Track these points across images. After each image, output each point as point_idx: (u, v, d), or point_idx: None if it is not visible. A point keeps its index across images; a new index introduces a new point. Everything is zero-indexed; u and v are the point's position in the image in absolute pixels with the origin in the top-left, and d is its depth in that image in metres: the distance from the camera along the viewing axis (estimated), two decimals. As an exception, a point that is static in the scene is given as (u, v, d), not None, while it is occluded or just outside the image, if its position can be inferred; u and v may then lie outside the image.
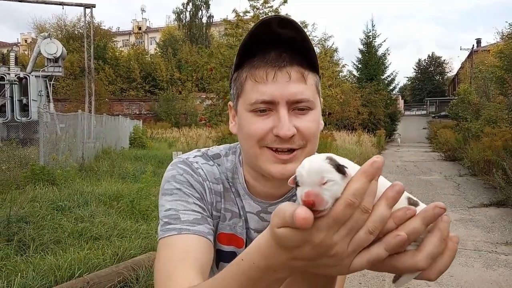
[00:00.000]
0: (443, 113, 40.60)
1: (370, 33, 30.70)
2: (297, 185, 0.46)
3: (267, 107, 0.73)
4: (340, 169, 0.45)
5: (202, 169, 0.83)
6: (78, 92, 28.61)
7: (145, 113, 36.46)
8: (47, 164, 8.11)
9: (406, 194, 0.50)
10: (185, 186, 0.80)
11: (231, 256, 0.79)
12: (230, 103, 0.83)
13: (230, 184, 0.84)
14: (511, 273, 4.18)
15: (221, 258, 0.81)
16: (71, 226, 4.68)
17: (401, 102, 51.11)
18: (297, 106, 0.73)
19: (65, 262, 3.54)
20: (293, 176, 0.48)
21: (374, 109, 27.34)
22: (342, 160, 0.47)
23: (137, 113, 35.80)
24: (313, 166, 0.45)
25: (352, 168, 0.46)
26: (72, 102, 28.79)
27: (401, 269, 0.49)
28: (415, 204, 0.50)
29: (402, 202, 0.48)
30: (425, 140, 28.79)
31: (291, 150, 0.73)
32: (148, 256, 3.79)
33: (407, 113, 53.62)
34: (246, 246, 0.79)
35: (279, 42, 0.72)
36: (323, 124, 0.81)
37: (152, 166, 9.20)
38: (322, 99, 0.81)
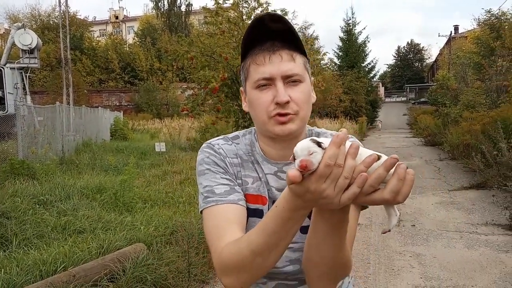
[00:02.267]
0: (422, 99, 41.24)
1: (350, 21, 30.83)
2: (294, 158, 0.69)
3: (267, 82, 0.94)
4: (320, 144, 0.68)
5: (222, 149, 1.04)
6: (56, 84, 27.92)
7: (126, 104, 35.93)
8: (27, 158, 7.93)
9: (368, 150, 0.71)
10: (212, 166, 1.01)
11: (256, 212, 1.01)
12: (241, 88, 1.05)
13: (250, 154, 1.05)
14: (492, 252, 4.31)
15: (249, 214, 1.00)
16: (54, 220, 4.61)
17: (381, 89, 51.68)
18: (290, 80, 0.94)
19: (49, 256, 3.48)
20: (291, 155, 0.70)
21: (355, 97, 27.57)
22: (320, 139, 0.69)
23: (117, 104, 35.26)
24: (303, 144, 0.69)
25: (327, 143, 0.68)
26: (50, 94, 28.13)
27: (376, 202, 0.69)
28: (379, 158, 0.69)
29: (365, 154, 0.69)
30: (405, 126, 29.23)
31: (288, 115, 0.93)
32: (134, 248, 3.75)
33: (387, 100, 54.27)
34: (268, 203, 1.00)
35: (272, 34, 0.93)
36: (315, 97, 1.03)
37: (134, 157, 9.09)
38: (313, 78, 1.03)
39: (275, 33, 0.93)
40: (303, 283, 1.00)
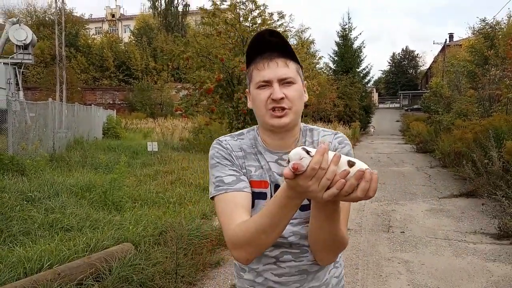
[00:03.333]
0: (415, 106, 41.45)
1: (346, 26, 30.94)
2: (288, 161, 0.88)
3: (266, 84, 1.16)
4: (308, 152, 0.87)
5: (229, 144, 1.24)
6: (49, 81, 27.71)
7: (119, 102, 35.74)
8: (16, 154, 7.85)
9: (347, 158, 0.89)
10: (221, 159, 1.20)
11: (260, 194, 1.20)
12: (247, 89, 1.27)
13: (253, 147, 1.24)
14: (479, 261, 4.32)
15: (255, 196, 1.19)
16: (41, 217, 4.55)
17: (375, 95, 51.87)
18: (284, 81, 1.15)
19: (34, 254, 3.44)
20: (287, 159, 0.89)
21: (349, 102, 27.64)
22: (309, 148, 0.88)
23: (111, 102, 35.06)
24: (295, 151, 0.88)
25: (313, 152, 0.87)
26: (43, 90, 27.91)
27: (352, 200, 0.88)
28: (353, 164, 0.88)
29: (344, 163, 0.88)
30: (398, 132, 29.35)
31: (283, 109, 1.14)
32: (122, 247, 3.72)
33: (381, 105, 54.46)
34: (270, 186, 1.20)
35: (270, 45, 1.16)
36: (307, 97, 1.24)
37: (126, 156, 9.04)
38: (306, 82, 1.26)
39: (273, 45, 1.15)
40: (304, 252, 1.19)
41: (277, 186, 1.18)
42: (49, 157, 8.87)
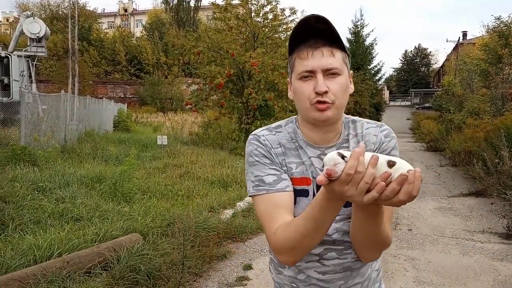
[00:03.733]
0: (427, 105, 41.02)
1: (358, 23, 30.68)
2: (323, 166, 0.87)
3: (309, 74, 1.07)
4: (344, 157, 0.85)
5: (268, 140, 1.17)
6: (62, 74, 27.97)
7: (130, 96, 35.97)
8: (29, 144, 7.96)
9: (386, 158, 0.86)
10: (260, 158, 1.15)
11: (302, 192, 1.14)
12: (288, 79, 1.18)
13: (294, 141, 1.18)
14: (486, 260, 4.30)
15: (297, 194, 1.14)
16: (52, 207, 4.63)
17: (386, 93, 51.47)
18: (329, 72, 1.07)
19: (44, 242, 3.51)
20: (324, 168, 0.86)
21: (360, 99, 27.45)
22: (345, 152, 0.86)
23: (122, 96, 35.30)
24: (330, 156, 0.86)
25: (349, 155, 0.84)
26: (55, 83, 28.16)
27: (394, 204, 0.86)
28: (393, 164, 0.85)
29: (384, 163, 0.85)
30: (408, 130, 29.10)
31: (325, 103, 1.06)
32: (130, 238, 3.77)
33: (391, 103, 53.98)
34: (312, 183, 1.14)
35: (315, 32, 1.06)
36: (353, 88, 1.16)
37: (136, 149, 9.12)
38: (352, 72, 1.18)
39: (319, 31, 1.06)
40: (348, 248, 1.15)
41: None
42: (61, 148, 8.99)
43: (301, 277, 1.18)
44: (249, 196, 1.16)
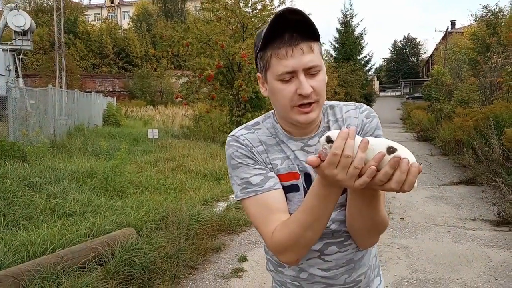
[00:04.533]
0: (416, 94, 41.32)
1: (348, 13, 30.71)
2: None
3: (290, 75, 1.00)
4: (331, 139, 0.83)
5: (248, 140, 1.11)
6: (49, 68, 27.57)
7: (119, 90, 35.66)
8: (17, 140, 7.86)
9: (388, 143, 0.82)
10: (242, 159, 1.09)
11: (292, 187, 1.10)
12: (259, 74, 1.11)
13: (274, 136, 1.13)
14: (477, 246, 4.36)
15: (286, 190, 1.10)
16: (43, 203, 4.58)
17: (376, 83, 51.69)
18: (310, 71, 1.01)
19: (37, 238, 3.47)
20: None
21: (350, 89, 27.55)
22: (333, 134, 0.83)
23: (111, 90, 34.98)
24: (324, 138, 0.84)
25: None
26: (42, 77, 27.77)
27: (386, 189, 0.82)
28: (393, 151, 0.80)
29: (383, 147, 0.81)
30: (399, 121, 29.30)
31: (310, 104, 1.02)
32: (124, 232, 3.75)
33: (382, 94, 54.30)
34: (300, 176, 1.10)
35: (290, 25, 0.98)
36: (326, 78, 1.08)
37: (126, 143, 9.05)
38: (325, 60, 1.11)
39: (293, 24, 0.98)
40: (347, 239, 1.12)
41: (307, 175, 1.09)
42: (50, 143, 8.89)
43: (303, 275, 1.15)
44: (237, 200, 1.10)
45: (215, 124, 13.24)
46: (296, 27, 0.99)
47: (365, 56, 32.51)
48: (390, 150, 0.80)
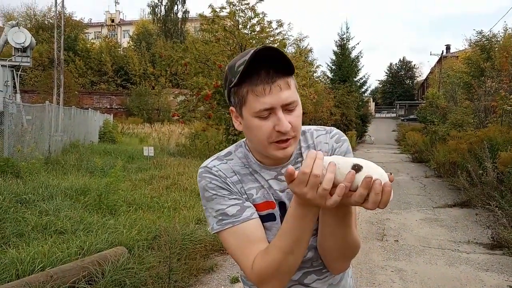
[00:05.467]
0: (411, 116, 41.61)
1: (344, 36, 31.11)
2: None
3: (268, 112, 1.00)
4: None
5: (221, 171, 1.10)
6: (47, 84, 27.69)
7: (116, 107, 35.72)
8: (12, 156, 7.83)
9: (352, 161, 0.84)
10: (217, 190, 1.08)
11: (269, 216, 1.10)
12: (232, 108, 1.09)
13: (246, 166, 1.12)
14: (472, 270, 4.34)
15: (263, 220, 1.09)
16: (35, 220, 4.54)
17: (372, 105, 52.02)
18: (288, 107, 1.01)
19: (27, 256, 3.43)
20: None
21: (346, 110, 27.71)
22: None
23: (108, 107, 35.04)
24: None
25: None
26: (40, 94, 27.86)
27: (366, 208, 0.83)
28: (359, 169, 0.83)
29: (347, 167, 0.83)
30: (394, 142, 29.44)
31: (287, 140, 1.02)
32: (115, 251, 3.71)
33: (377, 115, 54.59)
34: (276, 205, 1.10)
35: (266, 61, 0.98)
36: (301, 112, 1.08)
37: (122, 161, 9.04)
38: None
39: (268, 59, 0.98)
40: (325, 266, 1.13)
41: (281, 204, 1.09)
42: (45, 160, 8.85)
43: None
44: (213, 233, 1.09)
45: (211, 142, 13.25)
46: (271, 63, 0.99)
47: (361, 78, 32.79)
48: (356, 168, 0.82)
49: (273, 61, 0.99)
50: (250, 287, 1.20)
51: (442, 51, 38.92)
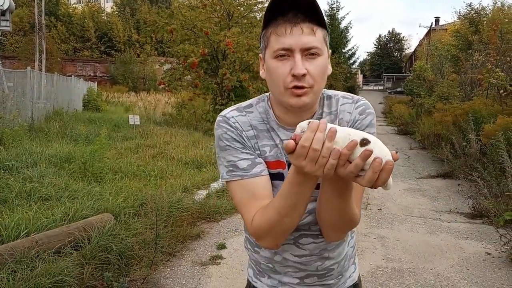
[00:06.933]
0: (399, 89, 41.72)
1: (334, 5, 30.74)
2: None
3: (286, 53, 0.97)
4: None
5: (238, 122, 1.09)
6: (28, 50, 26.82)
7: (101, 75, 34.99)
8: (-7, 122, 7.66)
9: (364, 135, 0.81)
10: (231, 142, 1.07)
11: (278, 175, 1.09)
12: (260, 54, 1.08)
13: (265, 122, 1.11)
14: (452, 238, 4.46)
15: (272, 178, 1.09)
16: (19, 186, 4.49)
17: (360, 77, 52.06)
18: (308, 52, 0.97)
19: (11, 222, 3.40)
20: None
21: (334, 82, 27.70)
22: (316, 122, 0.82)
23: (92, 75, 34.28)
24: (301, 123, 0.84)
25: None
26: (22, 60, 26.99)
27: (359, 183, 0.82)
28: (367, 143, 0.79)
29: (358, 138, 0.80)
30: (381, 114, 29.62)
31: (303, 88, 0.98)
32: (101, 217, 3.70)
33: (365, 87, 54.71)
34: (287, 166, 1.08)
35: (296, 5, 0.96)
36: (331, 69, 1.09)
37: (107, 129, 8.92)
38: (330, 51, 1.09)
39: (299, 4, 0.95)
40: None
41: None
42: (28, 127, 8.69)
43: (277, 258, 1.16)
44: (223, 180, 1.10)
45: (198, 112, 13.15)
46: (301, 8, 0.96)
47: (350, 49, 32.76)
48: (363, 142, 0.79)
49: (303, 5, 0.96)
50: (250, 236, 1.21)
51: (431, 23, 38.72)
